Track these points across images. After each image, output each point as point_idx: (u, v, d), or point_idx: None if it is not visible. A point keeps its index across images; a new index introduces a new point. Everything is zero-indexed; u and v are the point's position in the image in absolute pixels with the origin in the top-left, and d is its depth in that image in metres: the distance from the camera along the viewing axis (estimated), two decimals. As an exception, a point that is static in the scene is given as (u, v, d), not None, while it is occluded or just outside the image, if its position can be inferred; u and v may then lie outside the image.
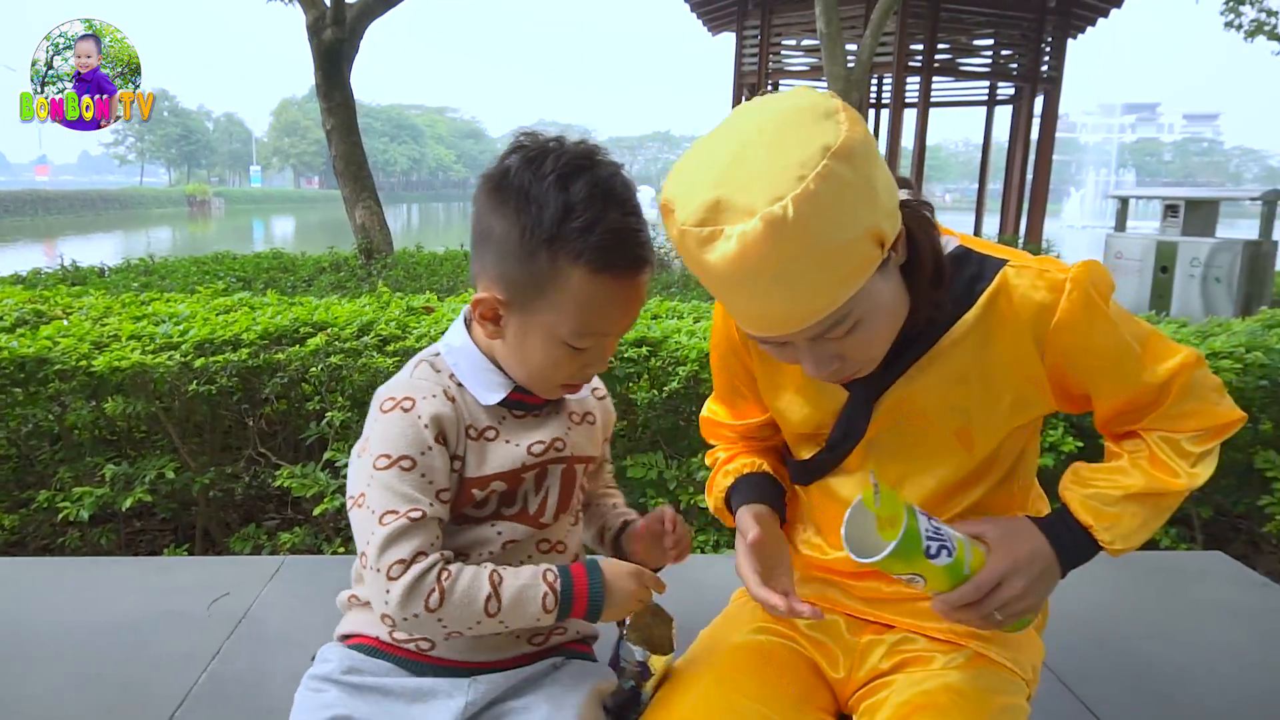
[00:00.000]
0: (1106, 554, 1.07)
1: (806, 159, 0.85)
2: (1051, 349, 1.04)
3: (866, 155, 0.89)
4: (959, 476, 1.13)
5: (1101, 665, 1.71)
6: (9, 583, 1.87)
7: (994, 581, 1.00)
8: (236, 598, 1.77)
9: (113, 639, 1.60)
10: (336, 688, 1.10)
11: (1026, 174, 13.55)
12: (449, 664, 1.14)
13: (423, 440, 1.06)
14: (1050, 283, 1.02)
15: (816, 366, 1.01)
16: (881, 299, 0.97)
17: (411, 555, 1.02)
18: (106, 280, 5.95)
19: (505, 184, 1.04)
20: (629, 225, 1.03)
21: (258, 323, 2.74)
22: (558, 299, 1.04)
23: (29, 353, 2.44)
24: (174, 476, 2.50)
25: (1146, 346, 1.07)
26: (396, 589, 1.01)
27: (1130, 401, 1.09)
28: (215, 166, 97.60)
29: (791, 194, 0.84)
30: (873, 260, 0.92)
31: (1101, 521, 1.05)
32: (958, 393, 1.07)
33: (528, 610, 1.06)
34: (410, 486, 1.05)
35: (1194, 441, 1.08)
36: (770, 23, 13.22)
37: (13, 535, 2.56)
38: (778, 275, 0.87)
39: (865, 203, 0.88)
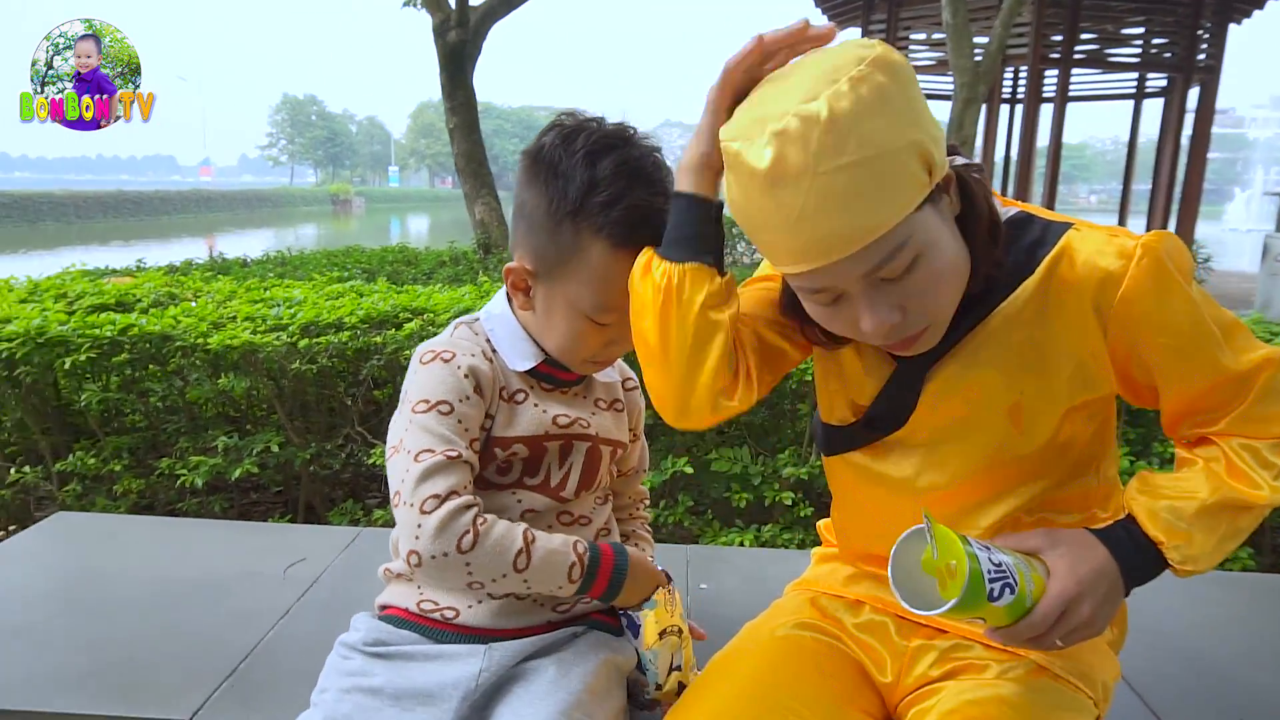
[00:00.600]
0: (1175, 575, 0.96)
1: (842, 64, 0.83)
2: (1116, 321, 0.95)
3: (908, 76, 0.85)
4: (1011, 458, 1.04)
5: (1195, 692, 1.56)
6: (115, 537, 2.04)
7: (1058, 611, 0.91)
8: (312, 563, 1.87)
9: (194, 594, 1.72)
10: (361, 656, 1.15)
11: (1178, 172, 12.60)
12: (473, 631, 1.16)
13: (462, 389, 1.09)
14: (1119, 249, 0.94)
15: (874, 316, 0.90)
16: (939, 234, 0.89)
17: (446, 492, 1.02)
18: (247, 270, 6.39)
19: (539, 159, 1.07)
20: (654, 204, 1.03)
21: (361, 307, 2.88)
22: (580, 272, 1.06)
23: (155, 330, 2.64)
24: (279, 451, 2.65)
25: (1230, 334, 0.96)
26: (429, 523, 0.99)
27: (1205, 395, 0.98)
28: (357, 167, 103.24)
29: (827, 92, 0.81)
30: (920, 184, 0.85)
31: (1173, 539, 0.95)
32: (1014, 366, 0.99)
33: (554, 576, 1.06)
34: (448, 429, 1.07)
35: (1279, 451, 0.96)
36: (897, 16, 12.83)
37: (141, 499, 2.79)
38: (817, 179, 0.81)
39: (906, 115, 0.83)
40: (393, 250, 7.96)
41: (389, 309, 2.91)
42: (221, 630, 1.58)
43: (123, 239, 24.19)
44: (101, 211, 34.99)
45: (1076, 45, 11.81)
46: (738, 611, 1.33)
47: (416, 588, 1.21)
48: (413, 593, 1.20)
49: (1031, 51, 11.39)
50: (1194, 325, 0.94)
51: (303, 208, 52.14)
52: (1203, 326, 0.94)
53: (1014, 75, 13.67)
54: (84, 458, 2.71)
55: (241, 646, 1.53)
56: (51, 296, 3.10)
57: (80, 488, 2.75)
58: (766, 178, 0.83)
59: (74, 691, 1.39)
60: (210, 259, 6.94)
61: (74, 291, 3.15)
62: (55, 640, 1.54)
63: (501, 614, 1.17)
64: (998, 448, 1.03)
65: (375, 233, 31.04)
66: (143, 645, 1.53)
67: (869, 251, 0.86)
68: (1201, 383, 0.96)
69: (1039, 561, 0.94)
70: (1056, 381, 0.99)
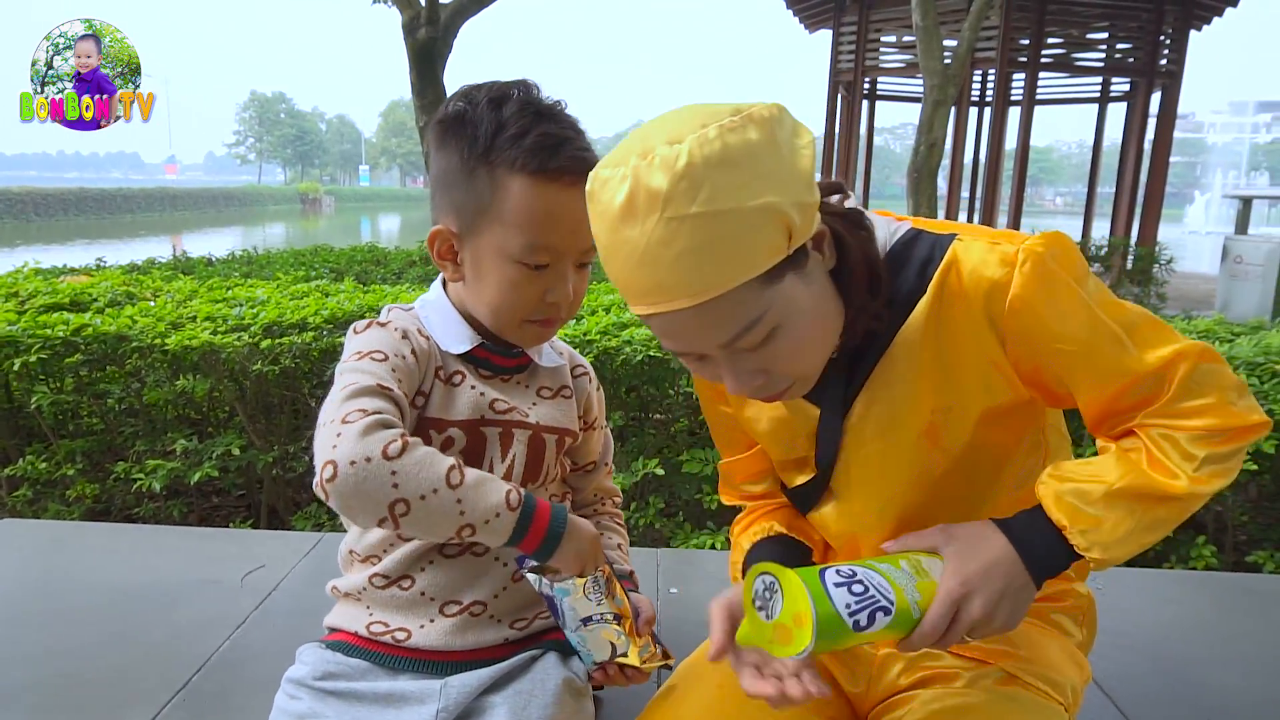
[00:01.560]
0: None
1: (715, 113, 0.80)
2: (1010, 332, 0.91)
3: (785, 135, 0.82)
4: (940, 475, 1.00)
5: (1163, 692, 1.56)
6: (64, 545, 1.97)
7: (946, 614, 0.87)
8: (272, 569, 1.82)
9: (146, 602, 1.67)
10: (309, 694, 1.07)
11: (1141, 175, 12.81)
12: (427, 656, 1.11)
13: (398, 347, 1.07)
14: (1001, 256, 0.89)
15: (737, 381, 0.91)
16: (800, 304, 0.86)
17: (374, 409, 0.93)
18: (211, 270, 6.27)
19: (444, 120, 1.07)
20: (564, 134, 1.03)
21: (326, 307, 2.82)
22: (502, 213, 1.04)
23: (110, 330, 2.56)
24: (240, 454, 2.59)
25: (1135, 332, 0.91)
26: (351, 430, 0.89)
27: (1116, 397, 0.93)
28: (327, 166, 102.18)
29: (692, 137, 0.78)
30: (773, 249, 0.81)
31: (1078, 523, 0.89)
32: (922, 389, 0.95)
33: (490, 497, 0.96)
34: (382, 370, 1.02)
35: (1200, 442, 0.90)
36: (868, 18, 12.93)
37: (97, 504, 2.71)
38: (663, 224, 0.78)
39: (771, 176, 0.80)
40: (361, 249, 7.85)
41: (354, 309, 2.85)
42: (174, 640, 1.53)
43: (85, 238, 23.72)
44: (63, 210, 34.28)
45: (1043, 49, 11.97)
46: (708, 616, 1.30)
47: (366, 609, 1.15)
48: (362, 614, 1.14)
49: (999, 55, 11.53)
50: (1089, 328, 0.89)
51: (271, 206, 51.50)
52: (1100, 328, 0.90)
53: (982, 78, 13.83)
54: (35, 461, 2.63)
55: (195, 657, 1.48)
56: (1, 295, 3.01)
57: (31, 493, 2.67)
58: (617, 213, 0.81)
59: (8, 709, 1.33)
60: (174, 258, 6.79)
61: (26, 290, 3.06)
62: (-3, 653, 1.48)
63: (456, 633, 1.11)
64: (921, 471, 1.00)
65: (345, 232, 30.71)
66: (89, 657, 1.47)
67: (721, 322, 0.84)
68: (1111, 385, 0.92)
69: (939, 561, 0.91)
70: (966, 395, 0.96)
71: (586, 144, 1.07)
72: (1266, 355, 2.49)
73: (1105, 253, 11.57)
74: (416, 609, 1.12)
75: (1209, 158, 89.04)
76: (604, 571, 1.12)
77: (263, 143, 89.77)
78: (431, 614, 1.12)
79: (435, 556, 1.13)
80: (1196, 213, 43.31)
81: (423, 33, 7.56)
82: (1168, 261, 11.34)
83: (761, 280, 0.82)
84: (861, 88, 13.72)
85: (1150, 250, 11.36)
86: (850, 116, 14.03)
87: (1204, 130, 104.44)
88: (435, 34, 7.59)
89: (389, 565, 1.13)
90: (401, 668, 1.10)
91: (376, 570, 1.14)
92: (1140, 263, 11.25)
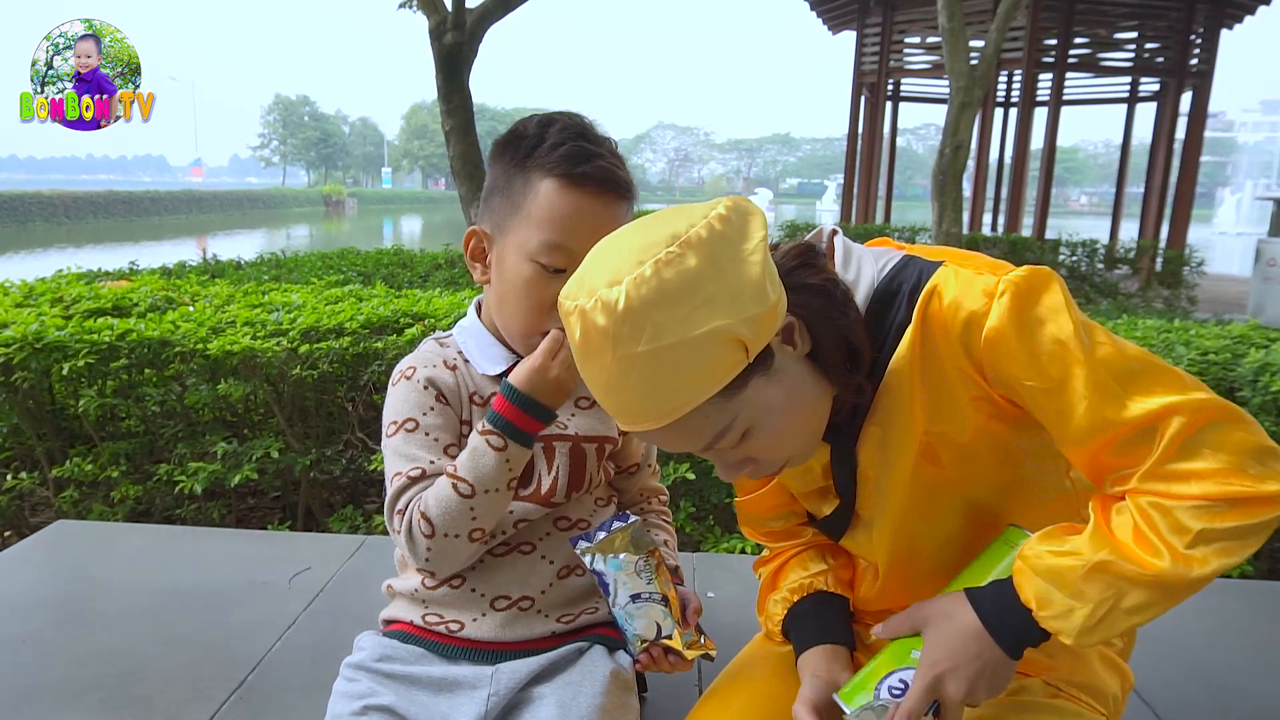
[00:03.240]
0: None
1: (652, 244, 0.81)
2: (987, 365, 0.89)
3: (729, 249, 0.82)
4: (947, 497, 1.00)
5: (1203, 699, 1.56)
6: (116, 546, 2.02)
7: (924, 698, 0.90)
8: (317, 572, 1.86)
9: (200, 603, 1.71)
10: (368, 676, 1.14)
11: (1171, 175, 12.66)
12: (478, 645, 1.16)
13: (424, 402, 1.15)
14: (984, 287, 0.88)
15: (725, 471, 0.95)
16: (771, 402, 0.88)
17: (405, 505, 1.10)
18: (241, 273, 6.36)
19: (500, 140, 1.16)
20: (598, 152, 1.10)
21: (361, 312, 2.86)
22: (529, 212, 1.10)
23: (154, 335, 2.62)
24: (278, 456, 2.64)
25: (1129, 380, 0.84)
26: (402, 541, 1.10)
27: (1097, 454, 0.86)
28: (350, 168, 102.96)
29: (629, 278, 0.79)
30: (731, 364, 0.82)
31: (1047, 609, 0.86)
32: (915, 414, 0.95)
33: (486, 460, 1.08)
34: (415, 446, 1.13)
35: (1198, 513, 0.80)
36: (892, 19, 12.88)
37: (139, 505, 2.77)
38: (615, 362, 0.81)
39: (715, 300, 0.80)
40: (388, 253, 7.93)
41: (389, 314, 2.90)
42: (228, 641, 1.57)
43: (113, 240, 24.07)
44: (92, 212, 34.79)
45: (1070, 49, 11.87)
46: (747, 621, 1.32)
47: (421, 602, 1.21)
48: (418, 607, 1.21)
49: (1026, 55, 11.44)
50: (1064, 368, 0.84)
51: (295, 209, 51.98)
52: (1078, 369, 0.83)
53: (1008, 79, 13.73)
54: (81, 464, 2.69)
55: (249, 658, 1.52)
56: (48, 300, 3.08)
57: (77, 494, 2.73)
58: (578, 349, 0.85)
59: (78, 705, 1.38)
60: (203, 261, 6.90)
61: (70, 295, 3.13)
62: (58, 652, 1.53)
63: (506, 626, 1.17)
64: (931, 491, 1.00)
65: (368, 234, 30.98)
66: (148, 657, 1.51)
67: (692, 435, 0.87)
68: (1093, 437, 0.85)
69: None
70: (958, 417, 0.95)
71: (620, 163, 1.13)
72: (1304, 362, 2.47)
73: (1134, 255, 11.44)
74: (468, 604, 1.18)
75: (1240, 157, 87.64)
76: (653, 554, 1.16)
77: (287, 145, 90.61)
78: (483, 608, 1.18)
79: (485, 556, 1.19)
80: (1227, 213, 42.61)
81: (449, 37, 7.61)
82: (1198, 264, 11.20)
83: (723, 394, 0.84)
84: (885, 89, 13.67)
85: (1180, 253, 11.23)
86: (874, 118, 13.97)
87: (1234, 129, 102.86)
88: (461, 39, 7.64)
89: None
90: (455, 655, 1.16)
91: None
92: (1170, 265, 11.11)
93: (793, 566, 1.21)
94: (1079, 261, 10.97)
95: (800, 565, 1.20)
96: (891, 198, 15.39)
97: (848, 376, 0.93)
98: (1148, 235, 12.63)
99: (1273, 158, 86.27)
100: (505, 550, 1.19)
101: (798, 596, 1.17)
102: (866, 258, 0.99)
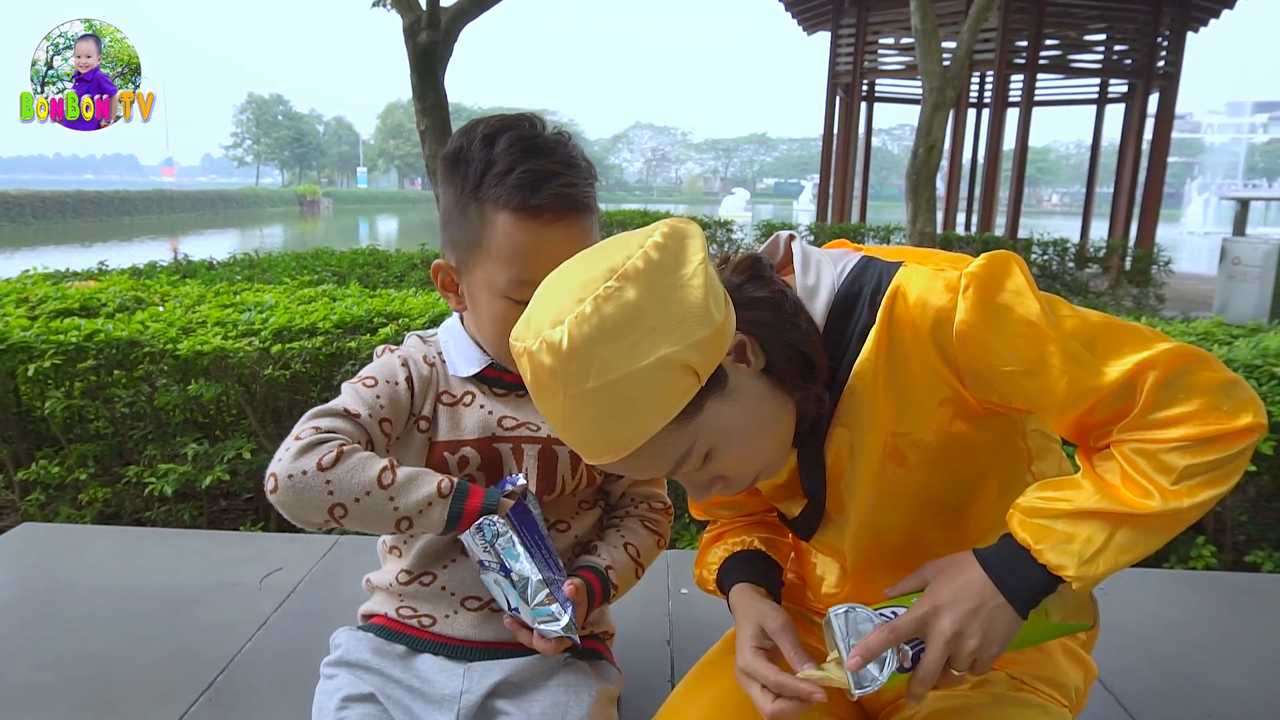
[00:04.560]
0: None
1: (590, 280, 0.81)
2: (962, 359, 0.90)
3: (668, 277, 0.82)
4: (911, 495, 1.01)
5: (1166, 689, 1.59)
6: (84, 548, 1.99)
7: (915, 629, 0.90)
8: (288, 573, 1.84)
9: (169, 605, 1.69)
10: (346, 670, 1.16)
11: (1139, 175, 12.86)
12: (451, 642, 1.17)
13: (394, 372, 1.15)
14: (945, 283, 0.89)
15: (696, 493, 0.96)
16: (730, 421, 0.88)
17: (328, 428, 1.04)
18: (213, 273, 6.30)
19: (445, 158, 1.10)
20: (549, 169, 1.05)
21: (335, 312, 2.84)
22: (490, 249, 1.07)
23: (122, 336, 2.59)
24: (250, 458, 2.62)
25: (1096, 345, 0.87)
26: (295, 445, 1.00)
27: (1082, 419, 0.90)
28: (325, 168, 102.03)
29: (570, 316, 0.80)
30: (683, 390, 0.83)
31: (1045, 540, 0.88)
32: (881, 418, 0.96)
33: (420, 490, 1.03)
34: (361, 397, 1.11)
35: (1180, 453, 0.84)
36: (866, 20, 12.98)
37: (107, 507, 2.73)
38: (566, 400, 0.82)
39: (658, 330, 0.80)
40: (363, 253, 7.89)
41: (363, 313, 2.88)
42: (197, 642, 1.56)
43: (83, 240, 23.68)
44: (60, 212, 34.19)
45: (1041, 51, 12.02)
46: (719, 617, 1.32)
47: (397, 595, 1.21)
48: (394, 600, 1.21)
49: (998, 56, 11.58)
50: (1038, 347, 0.86)
51: (269, 209, 51.40)
52: (1052, 345, 0.86)
53: (980, 80, 13.87)
54: (48, 466, 2.65)
55: (218, 659, 1.51)
56: (13, 301, 3.03)
57: (44, 496, 2.70)
58: (532, 388, 0.85)
59: (45, 708, 1.36)
60: (175, 261, 6.82)
61: (35, 296, 3.09)
62: (23, 655, 1.50)
63: (477, 626, 1.17)
64: (897, 491, 1.01)
65: (343, 234, 30.71)
66: (116, 659, 1.50)
67: (654, 462, 0.87)
68: (1075, 407, 0.88)
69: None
70: (923, 417, 0.96)
71: (576, 177, 1.07)
72: (1264, 358, 2.52)
73: (1104, 254, 11.61)
74: (439, 601, 1.18)
75: (1206, 158, 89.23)
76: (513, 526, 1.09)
77: (260, 145, 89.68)
78: (454, 606, 1.18)
79: (456, 554, 1.18)
80: (1194, 213, 43.36)
81: (423, 36, 7.57)
82: (1166, 263, 11.39)
83: (679, 420, 0.84)
84: (860, 90, 13.76)
85: (1148, 251, 11.42)
86: (849, 118, 14.07)
87: (1201, 130, 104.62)
88: (436, 37, 7.60)
89: (411, 561, 1.20)
90: (428, 649, 1.17)
91: (402, 566, 1.20)
92: (1139, 264, 11.29)
93: (735, 532, 1.23)
94: (1050, 260, 11.13)
95: (743, 532, 1.23)
96: (867, 197, 15.51)
97: (806, 387, 0.93)
98: (1117, 234, 12.82)
99: (1238, 158, 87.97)
100: None
101: (737, 549, 1.19)
102: (825, 262, 0.99)
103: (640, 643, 1.62)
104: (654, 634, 1.68)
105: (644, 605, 1.80)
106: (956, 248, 11.02)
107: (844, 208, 14.52)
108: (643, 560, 1.25)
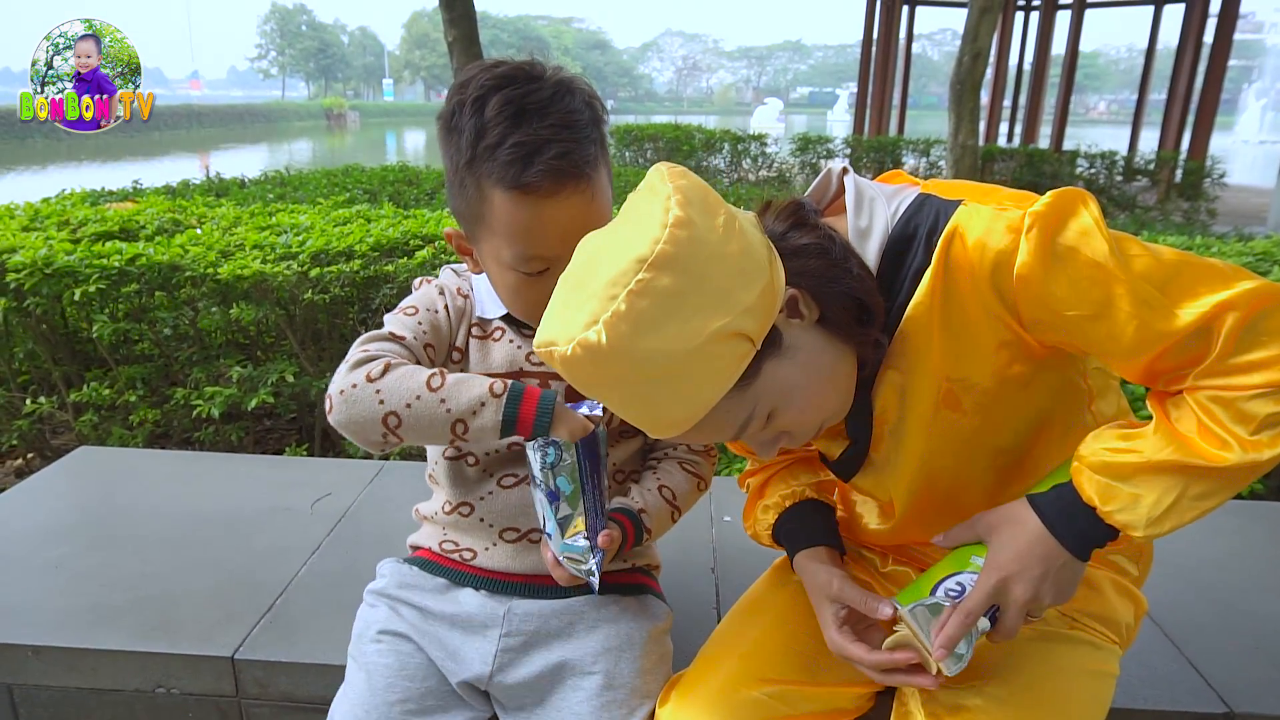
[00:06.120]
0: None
1: (619, 274, 0.77)
2: (1024, 302, 0.86)
3: (697, 253, 0.78)
4: (966, 438, 0.99)
5: (1213, 620, 1.59)
6: (143, 472, 2.04)
7: (985, 602, 0.90)
8: (338, 498, 1.88)
9: (224, 529, 1.74)
10: (386, 603, 1.20)
11: (1196, 81, 12.25)
12: (490, 575, 1.19)
13: (433, 301, 1.16)
14: (1008, 223, 0.84)
15: (762, 450, 0.95)
16: (790, 380, 0.87)
17: (376, 351, 1.05)
18: (246, 192, 6.29)
19: (441, 118, 1.05)
20: (541, 137, 0.98)
21: (371, 235, 2.83)
22: (492, 224, 1.04)
23: (164, 260, 2.60)
24: (293, 380, 2.65)
25: (1171, 286, 0.82)
26: (346, 366, 1.02)
27: (1152, 364, 0.85)
28: (350, 80, 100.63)
29: (605, 316, 0.76)
30: (739, 356, 0.81)
31: (1111, 502, 0.85)
32: (934, 361, 0.93)
33: (472, 390, 1.00)
34: (404, 324, 1.12)
35: (1261, 400, 0.79)
36: (912, -82, 12.30)
37: (157, 428, 2.80)
38: (616, 390, 0.81)
39: (703, 308, 0.78)
40: (393, 170, 7.81)
41: (399, 235, 2.86)
42: (255, 566, 1.60)
43: (112, 156, 23.73)
44: (90, 128, 34.20)
45: (1097, -53, 11.35)
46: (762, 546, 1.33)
47: (440, 527, 1.23)
48: (437, 533, 1.24)
49: (1050, -45, 10.96)
50: (1105, 290, 0.82)
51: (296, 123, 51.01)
52: (1122, 289, 0.81)
53: (1030, -20, 13.18)
54: (98, 388, 2.71)
55: (276, 582, 1.55)
56: (54, 223, 3.05)
57: (96, 417, 2.76)
58: (582, 385, 0.83)
59: (113, 628, 1.42)
60: (207, 179, 6.82)
61: (76, 218, 3.10)
62: (90, 576, 1.56)
63: (515, 557, 1.19)
64: (950, 435, 0.98)
65: (371, 148, 30.47)
66: (178, 581, 1.55)
67: (718, 429, 0.87)
68: (1145, 352, 0.84)
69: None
70: (980, 362, 0.93)
71: (571, 141, 0.99)
72: (1330, 281, 2.42)
73: (1154, 167, 11.18)
74: (479, 533, 1.20)
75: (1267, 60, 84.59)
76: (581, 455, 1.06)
77: (285, 56, 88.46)
78: (493, 538, 1.20)
79: (493, 487, 1.19)
80: (1250, 120, 41.38)
81: (450, -59, 7.30)
82: (1220, 176, 10.94)
83: (738, 386, 0.83)
84: None
85: (1201, 164, 10.97)
86: (889, 23, 13.49)
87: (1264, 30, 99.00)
88: (462, -58, 7.33)
89: (451, 492, 1.21)
90: (469, 583, 1.19)
91: (445, 498, 1.22)
92: (1190, 177, 10.87)
93: (781, 477, 1.23)
94: (1097, 174, 10.74)
95: (790, 475, 1.22)
96: (906, 107, 14.99)
97: (863, 333, 0.91)
98: (1168, 145, 12.32)
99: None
100: (514, 482, 1.19)
101: (789, 503, 1.19)
102: (879, 200, 0.95)
103: (685, 571, 1.64)
104: (699, 561, 1.70)
105: (688, 533, 1.81)
106: (998, 161, 10.67)
107: (882, 118, 14.07)
108: (679, 503, 1.22)
